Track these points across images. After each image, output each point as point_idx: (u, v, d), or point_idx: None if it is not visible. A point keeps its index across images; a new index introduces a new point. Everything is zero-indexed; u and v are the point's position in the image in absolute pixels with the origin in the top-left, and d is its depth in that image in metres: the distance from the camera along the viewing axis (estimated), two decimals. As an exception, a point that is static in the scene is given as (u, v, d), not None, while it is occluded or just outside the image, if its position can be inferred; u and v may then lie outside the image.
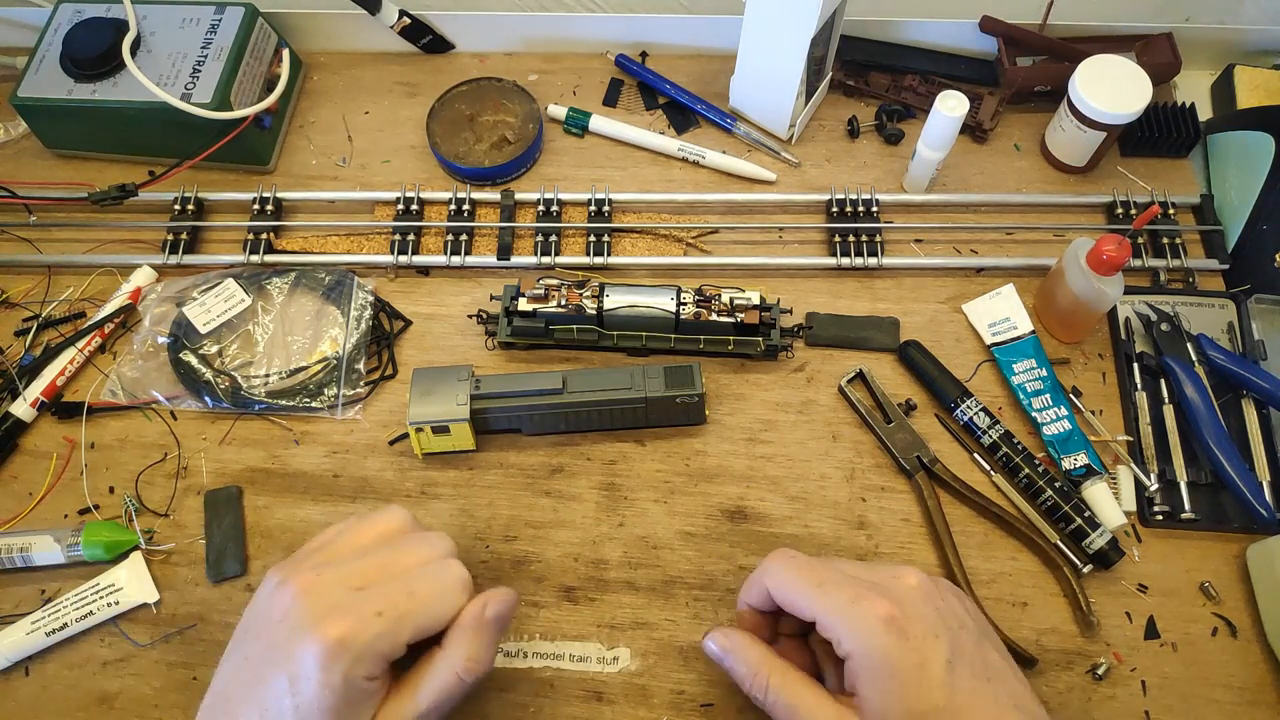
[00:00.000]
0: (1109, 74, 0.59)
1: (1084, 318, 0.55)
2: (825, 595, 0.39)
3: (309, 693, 0.35)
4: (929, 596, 0.40)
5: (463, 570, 0.40)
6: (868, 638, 0.37)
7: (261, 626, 0.39)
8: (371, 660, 0.36)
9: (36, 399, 0.56)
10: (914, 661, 0.37)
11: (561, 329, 0.55)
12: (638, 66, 0.70)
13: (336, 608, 0.37)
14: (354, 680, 0.36)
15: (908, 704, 0.37)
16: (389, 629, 0.37)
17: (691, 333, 0.55)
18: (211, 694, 0.39)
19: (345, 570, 0.39)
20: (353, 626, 0.36)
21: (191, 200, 0.63)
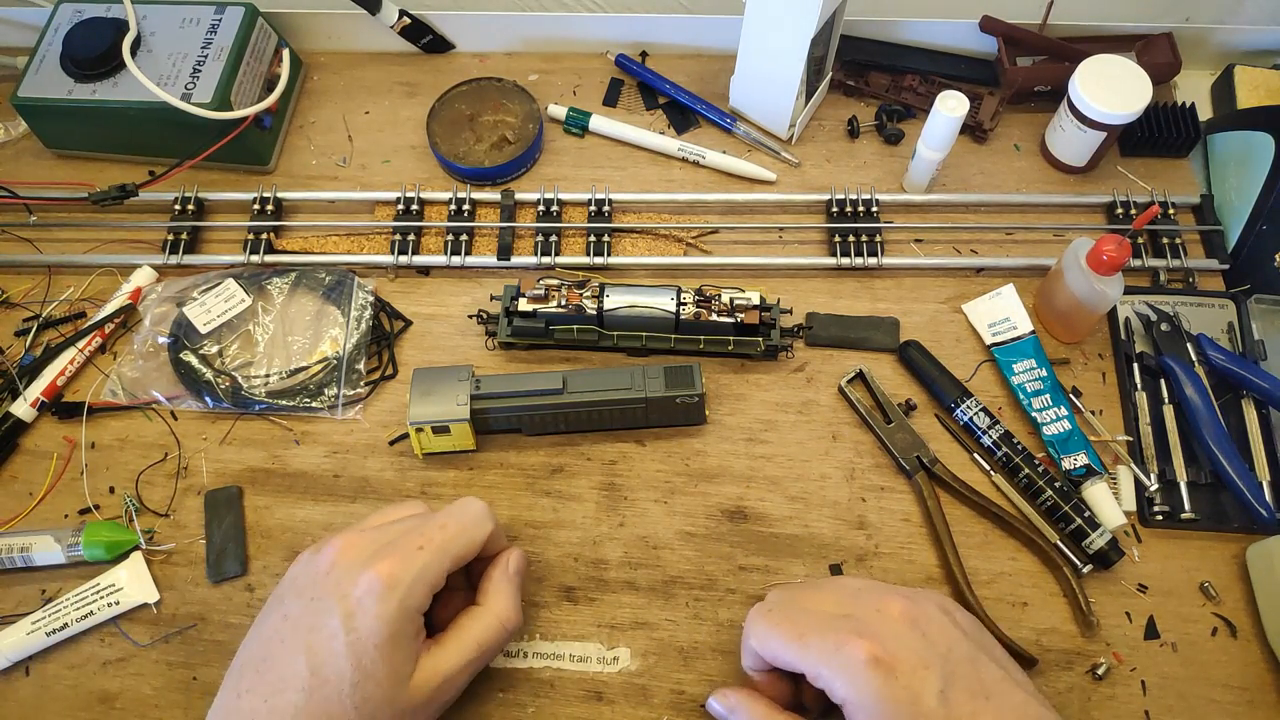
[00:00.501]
0: (1109, 74, 0.59)
1: (1084, 318, 0.55)
2: (807, 648, 0.39)
3: (364, 627, 0.38)
4: (914, 623, 0.39)
5: (481, 503, 0.44)
6: (855, 683, 0.37)
7: (304, 583, 0.41)
8: (422, 590, 0.40)
9: (37, 399, 0.56)
10: (905, 699, 0.37)
11: (561, 329, 0.55)
12: (638, 66, 0.70)
13: (380, 551, 0.40)
14: (407, 611, 0.39)
15: None
16: (432, 559, 0.40)
17: (691, 333, 0.55)
18: (244, 657, 0.41)
19: (380, 531, 0.42)
20: (401, 561, 0.40)
21: (191, 200, 0.63)
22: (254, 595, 0.50)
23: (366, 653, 0.38)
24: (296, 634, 0.39)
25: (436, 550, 0.41)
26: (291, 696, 0.38)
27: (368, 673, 0.38)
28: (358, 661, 0.38)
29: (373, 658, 0.38)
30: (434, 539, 0.41)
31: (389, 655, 0.38)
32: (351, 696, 0.38)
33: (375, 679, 0.38)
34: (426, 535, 0.41)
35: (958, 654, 0.39)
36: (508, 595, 0.44)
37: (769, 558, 0.51)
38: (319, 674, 0.38)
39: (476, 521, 0.43)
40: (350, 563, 0.40)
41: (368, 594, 0.39)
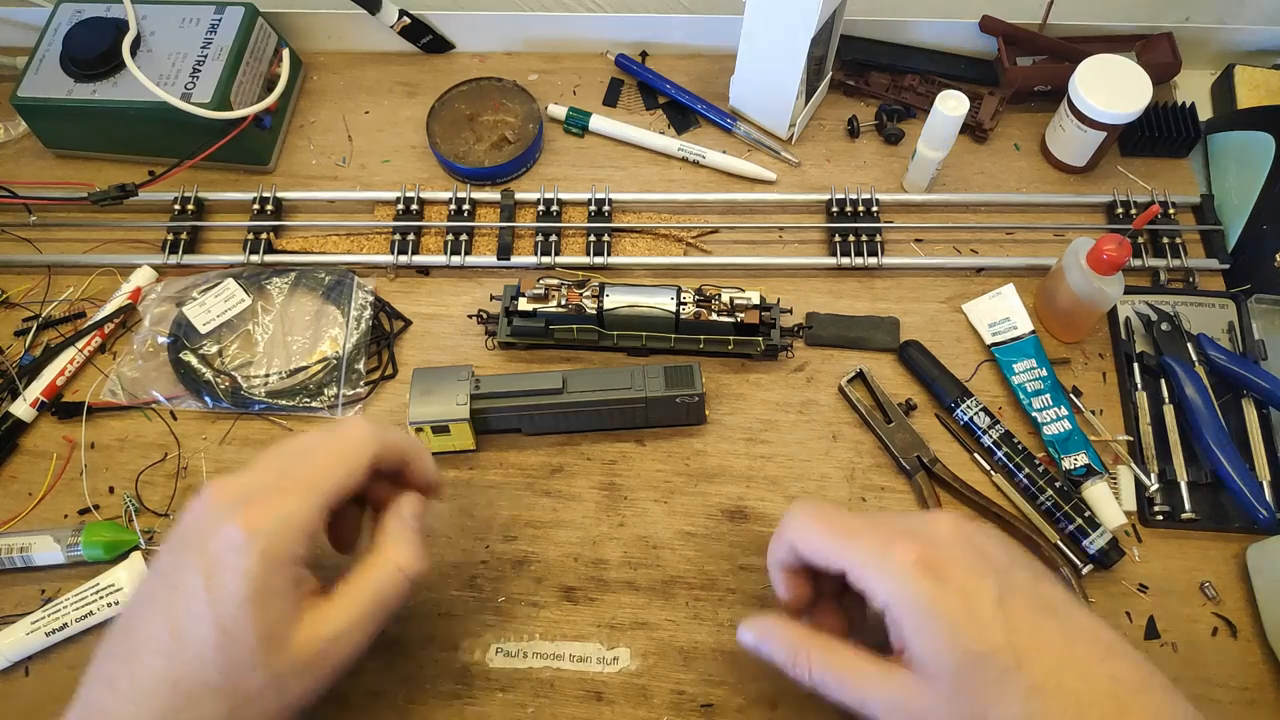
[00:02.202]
0: (1109, 74, 0.59)
1: (1084, 318, 0.55)
2: (853, 546, 0.37)
3: (225, 584, 0.34)
4: (968, 539, 0.37)
5: (363, 424, 0.40)
6: (902, 585, 0.35)
7: (174, 536, 0.37)
8: (290, 537, 0.36)
9: (36, 399, 0.56)
10: (957, 602, 0.34)
11: (561, 329, 0.55)
12: (638, 66, 0.70)
13: (245, 498, 0.36)
14: (274, 563, 0.35)
15: (962, 647, 0.34)
16: (299, 503, 0.36)
17: (691, 332, 0.55)
18: (108, 634, 0.37)
19: (254, 470, 0.38)
20: (263, 507, 0.36)
21: (191, 200, 0.63)
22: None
23: (229, 612, 0.34)
24: (159, 593, 0.36)
25: (304, 491, 0.37)
26: (151, 661, 0.35)
27: (232, 635, 0.34)
28: (219, 622, 0.34)
29: (235, 617, 0.34)
30: (300, 477, 0.37)
31: (256, 614, 0.35)
32: (217, 661, 0.34)
33: (241, 641, 0.35)
34: (293, 475, 0.37)
35: (1017, 569, 0.36)
36: (406, 540, 0.40)
37: (769, 558, 0.51)
38: (180, 637, 0.35)
39: (349, 444, 0.39)
40: (213, 513, 0.36)
41: (228, 548, 0.35)
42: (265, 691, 0.35)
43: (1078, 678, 0.33)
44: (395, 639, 0.49)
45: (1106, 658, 0.34)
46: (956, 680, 0.34)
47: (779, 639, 0.39)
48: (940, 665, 0.34)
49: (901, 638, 0.35)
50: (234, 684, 0.35)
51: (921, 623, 0.34)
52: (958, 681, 0.34)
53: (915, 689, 0.35)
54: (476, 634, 0.49)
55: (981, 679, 0.33)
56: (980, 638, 0.34)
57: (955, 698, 0.34)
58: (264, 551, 0.35)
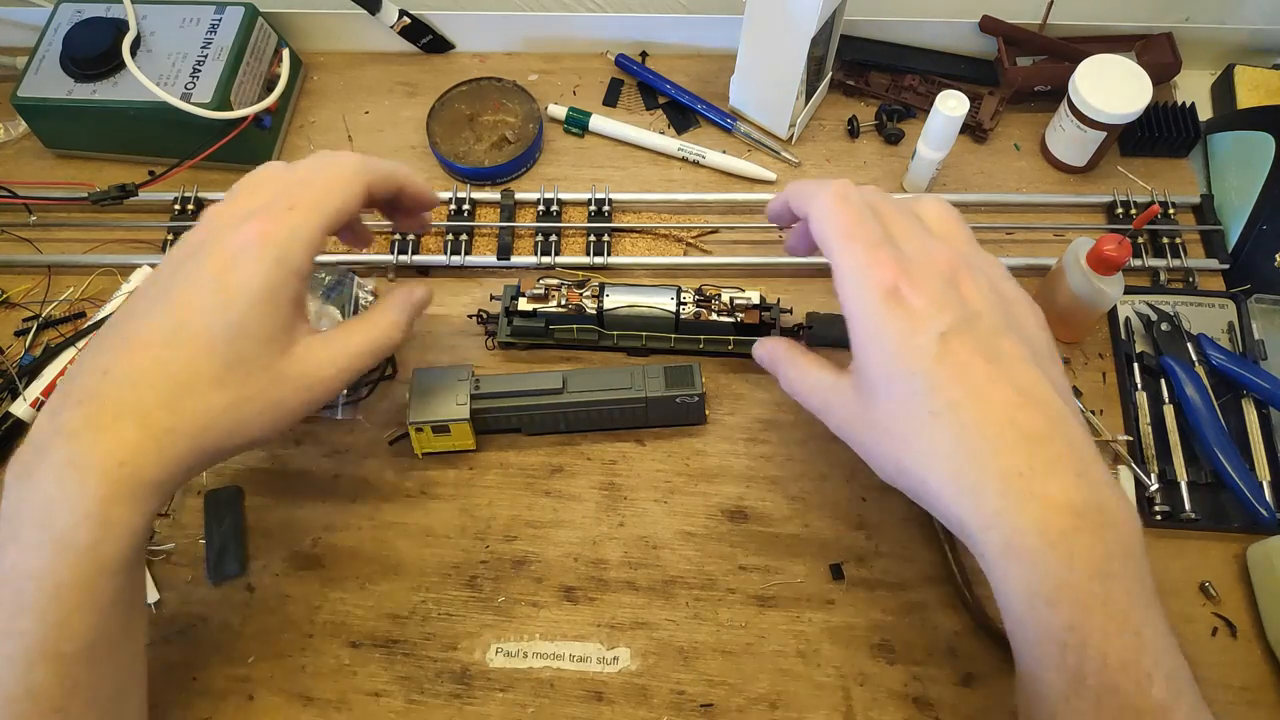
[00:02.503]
0: (1109, 74, 0.59)
1: (1084, 318, 0.55)
2: (846, 250, 0.39)
3: (238, 282, 0.37)
4: (952, 276, 0.39)
5: (354, 155, 0.43)
6: (864, 303, 0.38)
7: (176, 255, 0.40)
8: (298, 250, 0.38)
9: (37, 399, 0.56)
10: (902, 328, 0.37)
11: (561, 329, 0.55)
12: (638, 66, 0.70)
13: (252, 213, 0.39)
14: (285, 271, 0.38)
15: (889, 365, 0.38)
16: (305, 218, 0.39)
17: (692, 333, 0.55)
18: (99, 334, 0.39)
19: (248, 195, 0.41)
20: (273, 220, 0.38)
21: (192, 200, 0.63)
22: (254, 595, 0.50)
23: (240, 309, 0.37)
24: (163, 294, 0.38)
25: (310, 210, 0.39)
26: (150, 352, 0.37)
27: (241, 330, 0.37)
28: (229, 316, 0.37)
29: (246, 314, 0.37)
30: (303, 198, 0.39)
31: (265, 314, 0.37)
32: (222, 354, 0.37)
33: (250, 336, 0.37)
34: (295, 195, 0.39)
35: (985, 317, 0.38)
36: (399, 311, 0.45)
37: (769, 558, 0.51)
38: (185, 328, 0.37)
39: (344, 173, 0.41)
40: (223, 224, 0.39)
41: (242, 250, 0.37)
42: (264, 393, 0.38)
43: (978, 414, 0.36)
44: (395, 639, 0.49)
45: (1020, 407, 0.36)
46: (876, 391, 0.39)
47: (769, 352, 0.48)
48: (869, 377, 0.39)
49: (853, 344, 0.40)
50: (237, 378, 0.37)
51: (866, 339, 0.39)
52: (876, 392, 0.39)
53: (848, 394, 0.41)
54: (476, 634, 0.49)
55: (895, 395, 0.38)
56: (907, 360, 0.37)
57: (873, 406, 0.39)
58: (277, 258, 0.38)
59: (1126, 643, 0.34)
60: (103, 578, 0.35)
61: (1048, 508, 0.35)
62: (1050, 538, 0.34)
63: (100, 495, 0.35)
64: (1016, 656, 0.37)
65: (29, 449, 0.36)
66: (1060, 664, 0.34)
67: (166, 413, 0.36)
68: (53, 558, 0.34)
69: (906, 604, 0.49)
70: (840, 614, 0.49)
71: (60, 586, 0.34)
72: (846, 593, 0.50)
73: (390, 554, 0.51)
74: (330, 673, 0.48)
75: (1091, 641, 0.34)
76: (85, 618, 0.35)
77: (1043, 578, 0.34)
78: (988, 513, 0.36)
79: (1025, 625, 0.35)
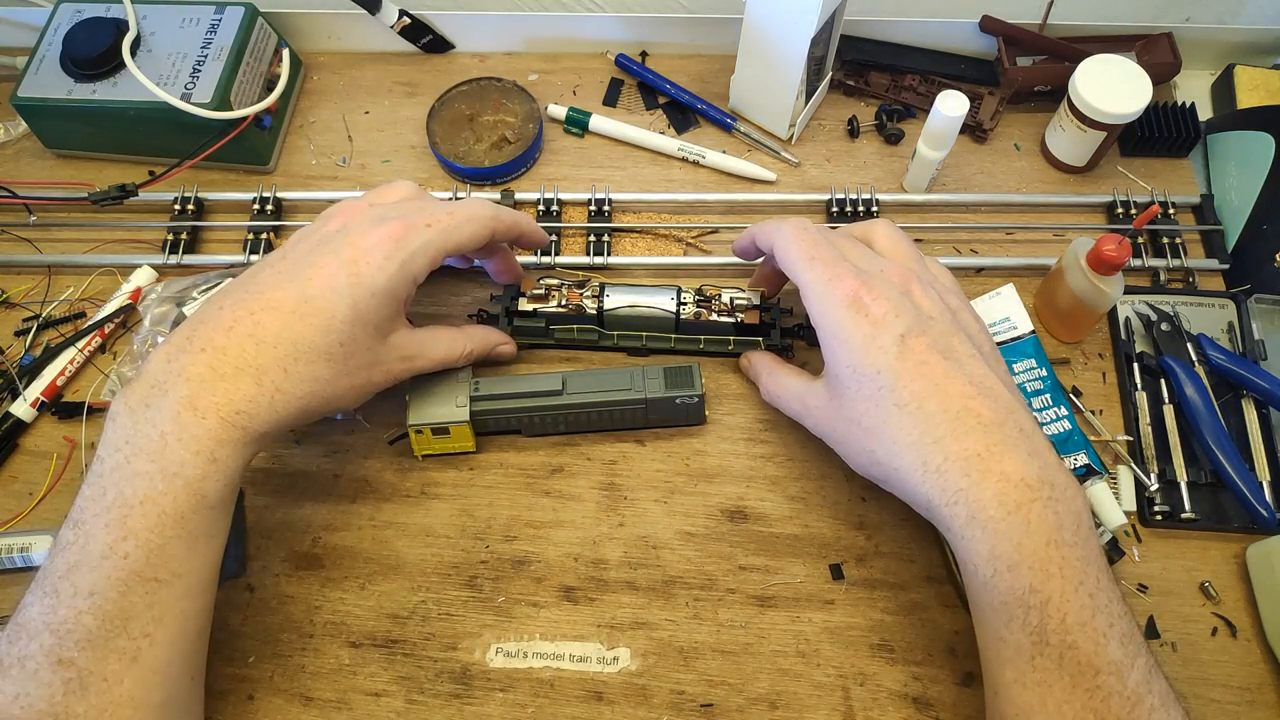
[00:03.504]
0: (1109, 74, 0.59)
1: (1084, 318, 0.55)
2: (810, 269, 0.44)
3: (367, 273, 0.42)
4: (906, 286, 0.44)
5: (491, 205, 0.48)
6: (830, 313, 0.43)
7: (311, 236, 0.45)
8: (422, 260, 0.44)
9: (37, 399, 0.56)
10: (865, 332, 0.42)
11: (562, 329, 0.55)
12: (638, 66, 0.70)
13: (387, 219, 0.44)
14: (407, 273, 0.43)
15: (855, 365, 0.42)
16: (437, 236, 0.44)
17: (692, 333, 0.55)
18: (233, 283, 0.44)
19: (386, 206, 0.46)
20: (409, 229, 0.44)
21: (191, 200, 0.63)
22: (254, 595, 0.50)
23: (363, 297, 0.42)
24: (295, 269, 0.42)
25: (442, 230, 0.45)
26: (275, 316, 0.41)
27: (360, 314, 0.42)
28: (354, 301, 0.42)
29: (368, 303, 0.42)
30: (441, 221, 0.45)
31: (381, 305, 0.43)
32: (340, 332, 0.42)
33: (364, 321, 0.42)
34: (435, 216, 0.45)
35: (937, 321, 0.43)
36: (480, 344, 0.52)
37: (769, 558, 0.51)
38: (312, 303, 0.41)
39: (479, 212, 0.47)
40: (361, 223, 0.44)
41: (376, 246, 0.42)
42: (361, 370, 0.44)
43: (939, 405, 0.40)
44: (395, 639, 0.49)
45: (974, 397, 0.41)
46: (846, 390, 0.43)
47: (751, 365, 0.54)
48: (839, 377, 0.43)
49: (823, 351, 0.44)
50: (344, 354, 0.42)
51: (834, 344, 0.43)
52: (846, 391, 0.43)
53: (822, 395, 0.46)
54: (476, 634, 0.49)
55: (863, 392, 0.42)
56: (871, 361, 0.42)
57: (843, 403, 0.44)
58: (404, 261, 0.43)
59: (1083, 603, 0.37)
60: (199, 512, 0.39)
61: (1005, 483, 0.39)
62: (1008, 508, 0.38)
63: (214, 435, 0.39)
64: (979, 625, 0.41)
65: (145, 384, 0.40)
66: (1024, 624, 0.37)
67: (281, 374, 0.41)
68: (161, 486, 0.38)
69: (906, 604, 0.49)
70: (840, 614, 0.49)
71: (163, 515, 0.38)
72: (846, 593, 0.50)
73: (390, 554, 0.51)
74: (330, 673, 0.48)
75: (1052, 602, 0.37)
76: (178, 548, 0.39)
77: (1004, 543, 0.38)
78: (952, 490, 0.40)
79: (990, 589, 0.39)
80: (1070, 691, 0.36)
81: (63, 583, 0.37)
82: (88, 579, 0.37)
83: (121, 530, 0.38)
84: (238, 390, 0.40)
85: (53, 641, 0.36)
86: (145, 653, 0.38)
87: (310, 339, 0.41)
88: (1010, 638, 0.38)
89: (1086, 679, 0.36)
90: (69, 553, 0.38)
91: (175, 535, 0.38)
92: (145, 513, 0.38)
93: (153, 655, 0.38)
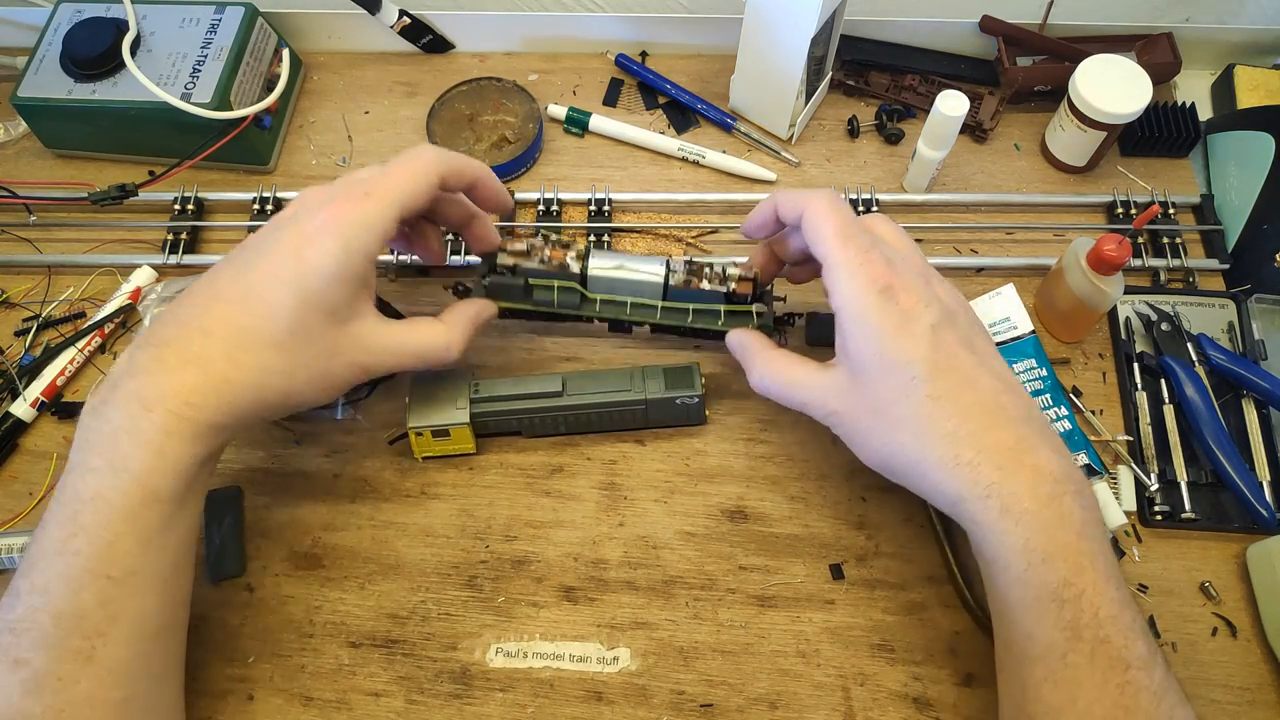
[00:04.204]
0: (1109, 74, 0.59)
1: (1084, 317, 0.55)
2: (844, 249, 0.42)
3: (312, 258, 0.40)
4: (927, 281, 0.43)
5: (432, 148, 0.45)
6: (859, 295, 0.41)
7: (266, 226, 0.44)
8: (368, 236, 0.41)
9: (36, 399, 0.56)
10: (896, 321, 0.41)
11: (541, 286, 0.52)
12: (638, 66, 0.70)
13: (334, 197, 0.42)
14: (353, 253, 0.41)
15: (887, 352, 0.40)
16: (376, 205, 0.42)
17: (680, 300, 0.52)
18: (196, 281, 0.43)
19: (341, 182, 0.44)
20: (348, 205, 0.42)
21: (191, 200, 0.63)
22: (254, 595, 0.50)
23: (310, 283, 0.40)
24: (247, 260, 0.42)
25: (382, 197, 0.42)
26: (226, 308, 0.41)
27: (308, 300, 0.40)
28: (300, 287, 0.40)
29: (316, 289, 0.40)
30: (379, 186, 0.42)
31: (330, 290, 0.41)
32: (287, 320, 0.40)
33: (313, 307, 0.41)
34: (373, 183, 0.43)
35: (961, 314, 0.43)
36: (463, 329, 0.48)
37: (769, 558, 0.51)
38: (255, 291, 0.40)
39: (424, 168, 0.44)
40: (309, 206, 0.43)
41: (319, 230, 0.41)
42: (319, 361, 0.42)
43: (971, 398, 0.40)
44: (395, 639, 0.49)
45: (1003, 391, 0.41)
46: (871, 379, 0.41)
47: (740, 342, 0.49)
48: (863, 365, 0.41)
49: (843, 336, 0.42)
50: (296, 344, 0.41)
51: (862, 327, 0.41)
52: (871, 380, 0.41)
53: (835, 382, 0.43)
54: (476, 634, 0.49)
55: (893, 381, 0.41)
56: (903, 349, 0.40)
57: (869, 391, 0.42)
58: (348, 240, 0.41)
59: (1112, 596, 0.37)
60: (149, 506, 0.38)
61: (1037, 475, 0.39)
62: (1041, 500, 0.38)
63: (161, 428, 0.38)
64: (1006, 624, 0.40)
65: (106, 383, 0.40)
66: (1058, 620, 0.37)
67: (227, 363, 0.40)
68: (108, 481, 0.38)
69: (906, 604, 0.50)
70: (840, 614, 0.49)
71: (112, 510, 0.38)
72: (846, 593, 0.50)
73: (390, 554, 0.51)
74: (330, 673, 0.48)
75: (1085, 595, 0.37)
76: (129, 544, 0.38)
77: (1039, 536, 0.38)
78: (985, 483, 0.39)
79: (1023, 584, 0.38)
80: (1101, 688, 0.36)
81: (21, 581, 0.37)
82: (42, 577, 0.37)
83: (72, 527, 0.37)
84: (184, 381, 0.39)
85: (10, 641, 0.36)
86: (100, 651, 0.37)
87: (256, 327, 0.40)
88: (1042, 634, 0.37)
89: (1117, 674, 0.36)
90: (29, 550, 0.38)
91: (126, 531, 0.38)
92: (95, 509, 0.37)
93: (108, 654, 0.37)
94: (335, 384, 0.44)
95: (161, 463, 0.38)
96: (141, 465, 0.38)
